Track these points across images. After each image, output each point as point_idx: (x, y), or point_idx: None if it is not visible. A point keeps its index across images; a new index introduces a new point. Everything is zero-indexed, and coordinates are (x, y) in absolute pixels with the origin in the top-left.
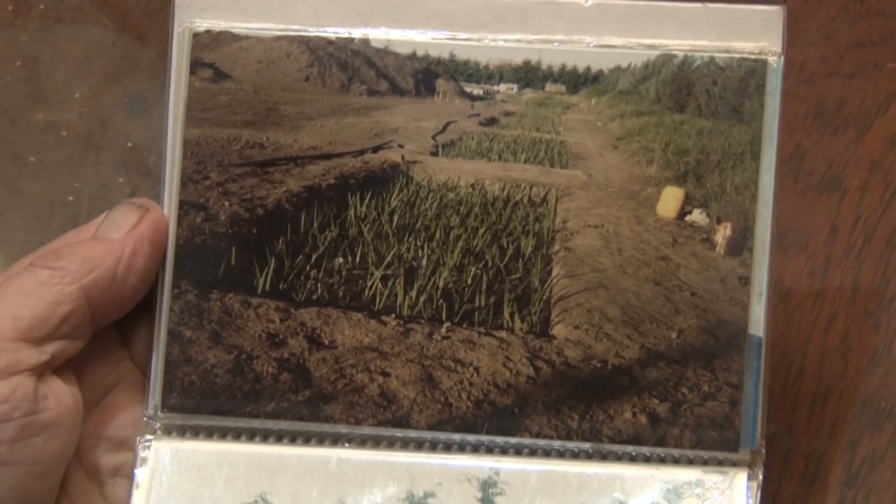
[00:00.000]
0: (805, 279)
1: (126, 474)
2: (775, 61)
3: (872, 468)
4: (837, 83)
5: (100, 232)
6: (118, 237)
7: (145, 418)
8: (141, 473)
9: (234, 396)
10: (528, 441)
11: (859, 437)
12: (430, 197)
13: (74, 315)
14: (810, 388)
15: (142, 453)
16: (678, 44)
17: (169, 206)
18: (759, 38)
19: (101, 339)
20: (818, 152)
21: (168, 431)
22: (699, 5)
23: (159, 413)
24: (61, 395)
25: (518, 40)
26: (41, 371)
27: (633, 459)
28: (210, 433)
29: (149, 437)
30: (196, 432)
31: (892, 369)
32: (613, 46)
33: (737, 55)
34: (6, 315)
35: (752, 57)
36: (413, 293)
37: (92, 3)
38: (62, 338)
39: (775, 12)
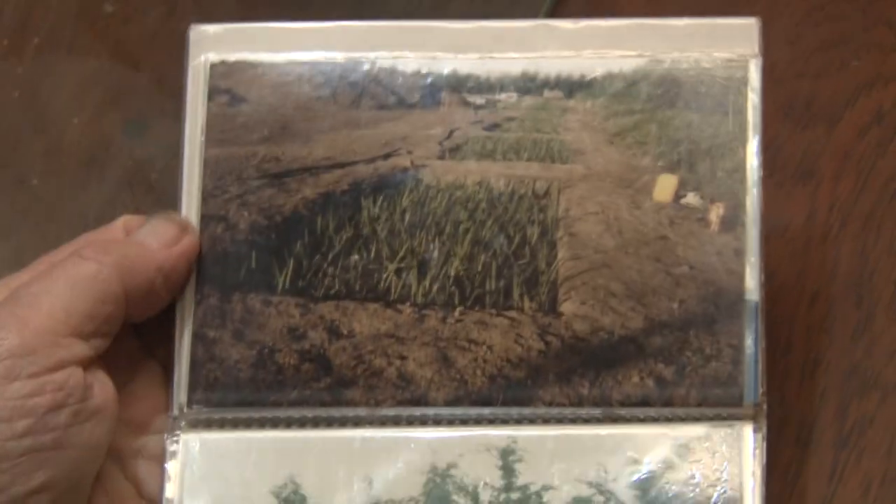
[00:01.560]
0: (786, 262)
1: (147, 456)
2: (755, 62)
3: (863, 431)
4: (805, 83)
5: (139, 237)
6: (157, 248)
7: (172, 418)
8: (172, 466)
9: (258, 388)
10: (541, 410)
11: (848, 404)
12: (438, 196)
13: (115, 315)
14: (798, 361)
15: (171, 448)
16: (664, 53)
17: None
18: (737, 46)
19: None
20: (792, 146)
21: (195, 425)
22: (681, 21)
23: (185, 410)
24: (104, 383)
25: (515, 58)
26: (88, 363)
27: (642, 420)
28: (236, 424)
29: (177, 432)
30: (222, 424)
31: (875, 340)
32: (605, 57)
33: (721, 58)
34: (59, 308)
35: (735, 58)
36: (426, 282)
37: (86, 35)
38: (103, 335)
39: (751, 23)
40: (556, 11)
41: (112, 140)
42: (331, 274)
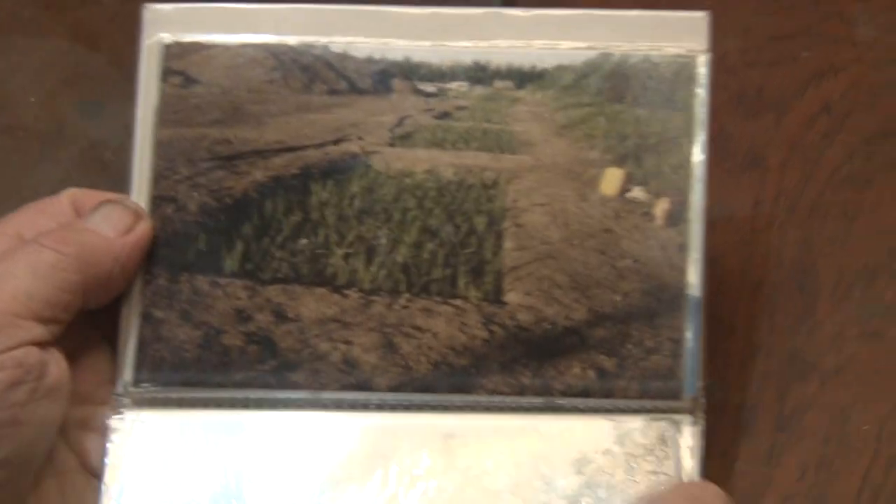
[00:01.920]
0: (732, 249)
1: (91, 428)
2: (703, 58)
3: (802, 415)
4: (757, 72)
5: (93, 224)
6: (113, 237)
7: (116, 395)
8: (114, 443)
9: (204, 369)
10: (484, 398)
11: (787, 388)
12: (388, 183)
13: (72, 303)
14: (739, 346)
15: (114, 425)
16: (616, 45)
17: (139, 201)
18: (687, 40)
19: None
20: (741, 135)
21: (139, 404)
22: (632, 13)
23: (130, 388)
24: (59, 361)
25: (467, 46)
26: (44, 344)
27: (583, 411)
28: (181, 404)
29: (121, 409)
30: (167, 404)
31: (817, 327)
32: (556, 48)
33: (670, 52)
34: (21, 292)
35: (684, 53)
36: (374, 268)
37: (45, 16)
38: (59, 321)
39: (701, 17)
40: (509, 3)
41: (68, 119)
42: (279, 257)
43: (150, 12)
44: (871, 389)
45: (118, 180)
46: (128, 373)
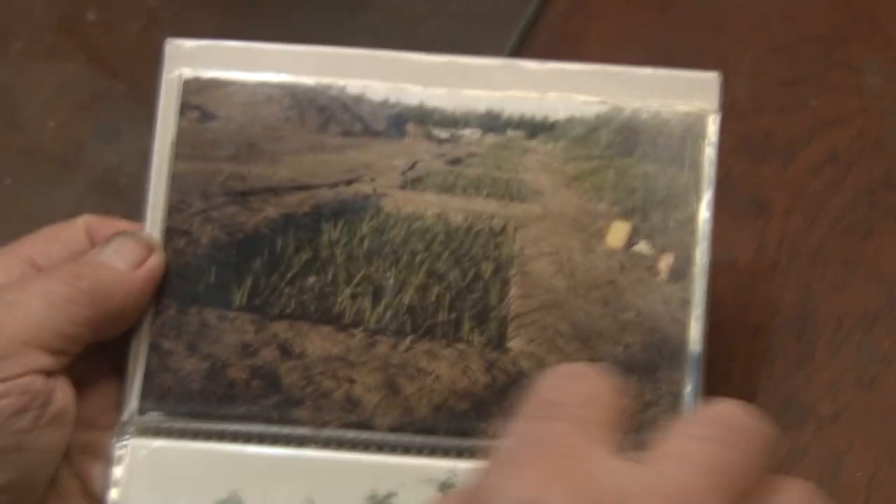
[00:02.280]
0: (733, 293)
1: (93, 452)
2: (713, 117)
3: (797, 461)
4: (765, 118)
5: (106, 257)
6: (125, 271)
7: (121, 423)
8: (118, 471)
9: (209, 401)
10: (483, 443)
11: (783, 434)
12: (398, 225)
13: (83, 335)
14: (736, 390)
15: (118, 452)
16: (627, 101)
17: (152, 232)
18: (698, 99)
19: None
20: (746, 179)
21: (144, 432)
22: (644, 70)
23: (136, 417)
24: (65, 389)
25: (481, 95)
26: (52, 372)
27: None
28: (184, 434)
29: (126, 436)
30: (171, 433)
31: (814, 374)
32: (568, 101)
33: (681, 110)
34: (33, 322)
35: (694, 112)
36: (380, 309)
37: (66, 41)
38: (68, 353)
39: (712, 77)
40: (521, 47)
41: (85, 144)
42: (287, 294)
43: (172, 47)
44: (866, 436)
45: (132, 206)
46: (134, 401)
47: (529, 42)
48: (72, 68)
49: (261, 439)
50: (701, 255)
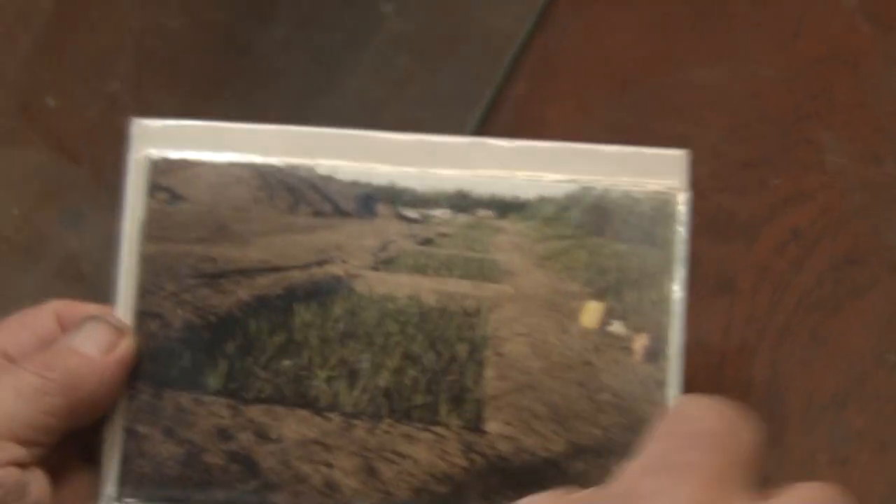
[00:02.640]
0: (702, 373)
1: None
2: (683, 196)
3: None
4: (728, 198)
5: (76, 344)
6: (97, 357)
7: None
8: None
9: (186, 486)
10: None
11: None
12: (371, 307)
13: (56, 426)
14: None
15: None
16: (597, 179)
17: (124, 315)
18: (666, 176)
19: None
20: (712, 259)
21: None
22: (613, 148)
23: (114, 503)
24: (40, 481)
25: (450, 174)
26: (25, 464)
27: None
28: None
29: None
30: None
31: (786, 452)
32: (538, 180)
33: (650, 189)
34: (3, 414)
35: (663, 190)
36: (356, 392)
37: (27, 128)
38: (42, 444)
39: (680, 156)
40: (483, 129)
41: (48, 230)
42: (262, 377)
43: (138, 127)
44: None
45: (97, 291)
46: (111, 487)
47: (490, 124)
48: (34, 155)
49: None
50: (675, 336)
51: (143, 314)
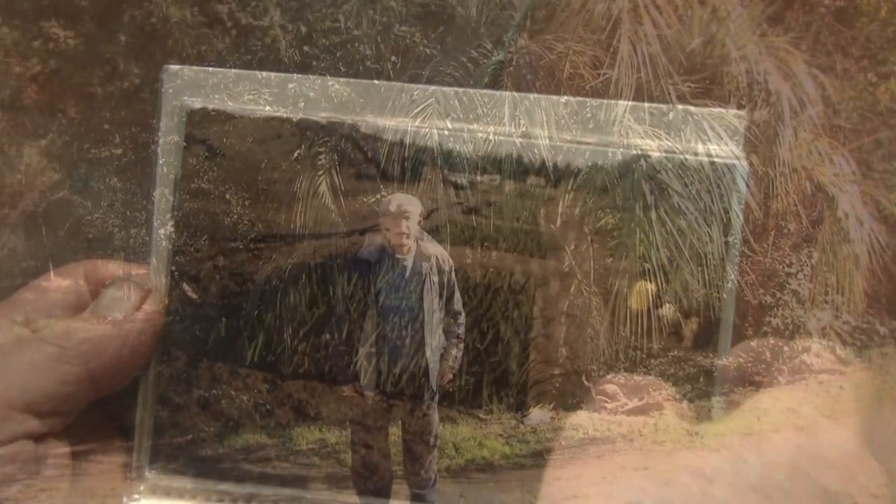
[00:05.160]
0: None
1: None
2: (741, 165)
3: None
4: None
5: (101, 309)
6: (121, 318)
7: (130, 479)
8: None
9: (220, 461)
10: None
11: None
12: (414, 280)
13: (78, 394)
14: None
15: None
16: (651, 145)
17: (157, 275)
18: (723, 140)
19: None
20: None
21: (154, 491)
22: (670, 107)
23: (147, 474)
24: (60, 455)
25: (499, 134)
26: (41, 437)
27: None
28: (195, 495)
29: (136, 496)
30: (181, 494)
31: None
32: (590, 143)
33: (705, 159)
34: (17, 386)
35: (720, 161)
36: (396, 371)
37: None
38: (62, 414)
39: (737, 116)
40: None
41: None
42: (301, 351)
43: (171, 74)
44: None
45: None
46: (143, 458)
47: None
48: None
49: (275, 502)
50: (726, 321)
51: (178, 275)
